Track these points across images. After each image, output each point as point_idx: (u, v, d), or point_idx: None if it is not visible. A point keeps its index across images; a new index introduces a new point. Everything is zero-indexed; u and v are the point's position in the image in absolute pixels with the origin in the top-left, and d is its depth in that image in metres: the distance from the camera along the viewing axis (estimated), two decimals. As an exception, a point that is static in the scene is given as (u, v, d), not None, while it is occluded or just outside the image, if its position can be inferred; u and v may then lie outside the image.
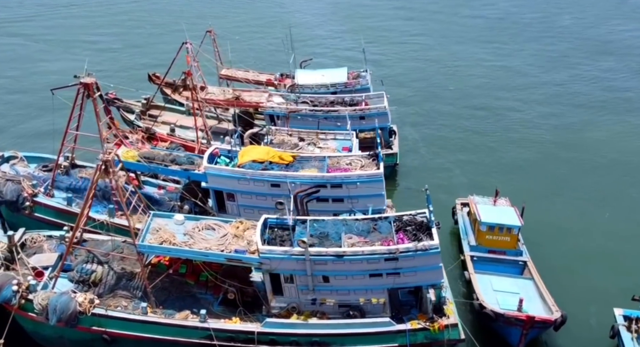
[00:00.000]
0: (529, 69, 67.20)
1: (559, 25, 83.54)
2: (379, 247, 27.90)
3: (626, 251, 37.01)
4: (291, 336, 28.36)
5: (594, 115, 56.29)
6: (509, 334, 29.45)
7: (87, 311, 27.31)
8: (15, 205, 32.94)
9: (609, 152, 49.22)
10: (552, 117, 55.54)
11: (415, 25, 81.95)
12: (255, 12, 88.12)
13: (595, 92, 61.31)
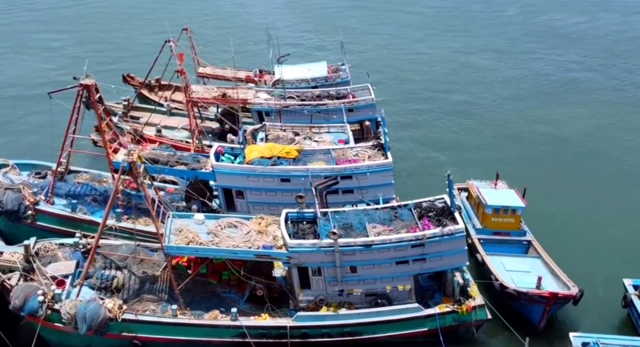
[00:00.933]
0: (485, 57, 68.93)
1: (506, 14, 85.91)
2: (406, 234, 28.24)
3: (624, 224, 38.63)
4: (323, 328, 28.39)
5: (562, 97, 58.56)
6: (530, 312, 30.23)
7: (117, 317, 26.59)
8: (16, 214, 31.57)
9: (585, 132, 51.56)
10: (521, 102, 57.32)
11: (369, 19, 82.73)
12: (229, 9, 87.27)
13: (555, 77, 63.55)
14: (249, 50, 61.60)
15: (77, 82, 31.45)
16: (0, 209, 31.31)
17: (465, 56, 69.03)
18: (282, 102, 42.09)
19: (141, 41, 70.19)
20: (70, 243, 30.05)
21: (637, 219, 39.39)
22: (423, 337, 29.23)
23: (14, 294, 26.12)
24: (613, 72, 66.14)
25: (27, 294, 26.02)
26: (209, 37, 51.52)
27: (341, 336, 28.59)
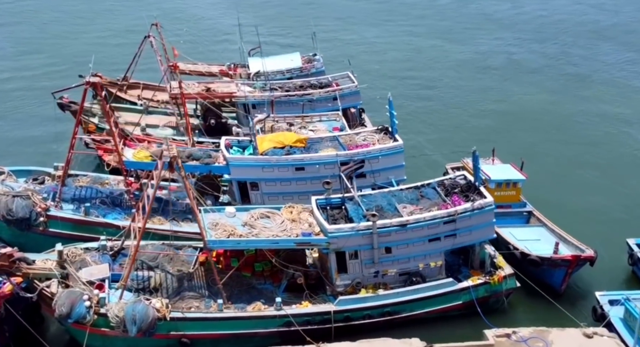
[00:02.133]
0: (432, 43, 70.31)
1: (438, 4, 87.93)
2: (439, 211, 28.88)
3: (610, 188, 41.08)
4: (364, 310, 28.59)
5: (512, 77, 61.00)
6: (551, 277, 31.42)
7: (166, 316, 25.84)
8: (27, 222, 30.01)
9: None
10: (477, 82, 59.12)
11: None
12: (196, 3, 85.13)
13: (500, 59, 65.98)
14: (219, 44, 60.59)
15: (83, 80, 30.18)
16: (10, 218, 29.71)
17: (414, 43, 70.23)
18: (269, 94, 41.79)
19: (107, 39, 68.10)
20: (96, 247, 28.90)
21: (619, 180, 42.02)
22: (457, 310, 30.00)
23: (58, 301, 24.88)
24: (549, 52, 69.31)
25: (72, 300, 24.83)
26: (179, 32, 50.17)
27: (381, 316, 28.90)
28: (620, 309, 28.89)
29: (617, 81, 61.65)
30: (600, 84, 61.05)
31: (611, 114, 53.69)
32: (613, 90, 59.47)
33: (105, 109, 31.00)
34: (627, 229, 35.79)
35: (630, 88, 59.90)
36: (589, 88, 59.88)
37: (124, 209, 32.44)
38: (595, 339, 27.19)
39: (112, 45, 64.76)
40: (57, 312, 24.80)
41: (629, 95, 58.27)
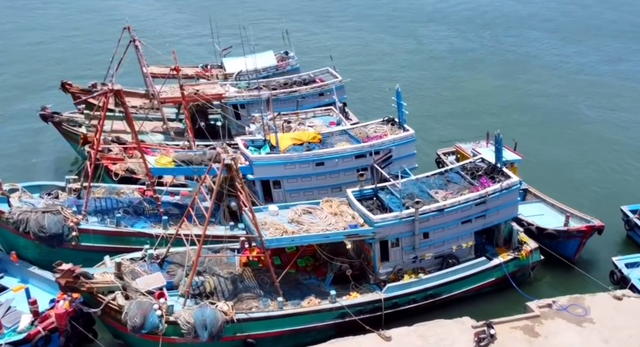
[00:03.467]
0: (382, 40, 71.59)
1: (382, 2, 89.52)
2: (472, 194, 29.85)
3: (603, 158, 43.94)
4: (410, 295, 29.16)
5: (467, 67, 63.36)
6: (565, 247, 33.05)
7: (233, 319, 25.48)
8: (60, 238, 28.57)
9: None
10: (435, 72, 60.94)
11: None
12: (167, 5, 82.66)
13: (448, 51, 68.23)
14: (188, 46, 59.17)
15: (104, 88, 29.05)
16: (43, 235, 28.18)
17: (361, 38, 71.33)
18: (260, 93, 41.44)
19: (77, 45, 65.61)
20: (140, 256, 27.95)
21: (590, 153, 44.85)
22: (490, 287, 31.17)
23: (129, 313, 23.96)
24: (484, 41, 72.23)
25: (144, 311, 24.00)
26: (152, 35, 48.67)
27: (424, 299, 29.58)
28: (638, 270, 31.14)
29: (549, 64, 64.96)
30: (538, 67, 64.07)
31: (555, 94, 56.71)
32: (549, 72, 62.67)
33: (129, 117, 29.95)
34: (614, 197, 38.35)
35: (563, 70, 63.41)
36: (528, 71, 62.74)
37: (148, 217, 31.41)
38: (625, 300, 29.13)
39: (83, 51, 63.03)
40: (130, 324, 23.91)
41: (565, 75, 61.76)
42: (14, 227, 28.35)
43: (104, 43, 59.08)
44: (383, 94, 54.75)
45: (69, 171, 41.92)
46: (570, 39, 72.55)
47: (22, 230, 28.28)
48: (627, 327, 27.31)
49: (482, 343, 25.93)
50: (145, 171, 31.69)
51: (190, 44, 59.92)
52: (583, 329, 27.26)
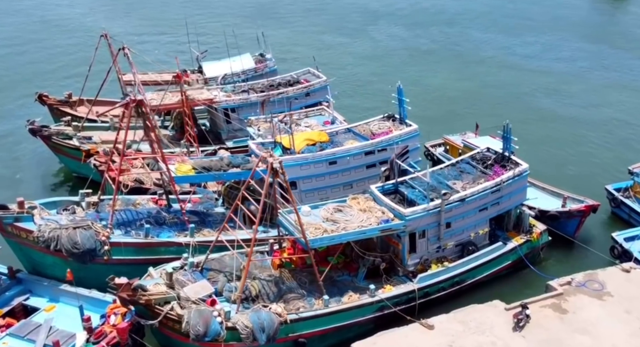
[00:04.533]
0: (340, 38, 72.35)
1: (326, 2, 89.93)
2: (488, 182, 30.89)
3: (571, 141, 46.21)
4: (439, 283, 29.90)
5: (428, 61, 65.23)
6: (565, 227, 34.36)
7: (287, 320, 25.43)
8: (93, 253, 27.56)
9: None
10: (395, 68, 62.05)
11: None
12: (140, 11, 79.98)
13: (396, 49, 69.66)
14: (165, 51, 57.51)
15: (127, 98, 28.23)
16: (76, 251, 27.11)
17: (317, 39, 71.76)
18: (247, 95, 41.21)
19: (52, 56, 62.85)
20: (179, 266, 27.34)
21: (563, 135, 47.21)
22: (506, 270, 32.39)
23: (191, 322, 23.45)
24: (433, 38, 74.19)
25: (206, 318, 23.59)
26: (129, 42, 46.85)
27: (451, 286, 30.39)
28: (638, 243, 33.07)
29: (497, 56, 67.62)
30: (487, 59, 66.63)
31: (509, 83, 59.16)
32: (499, 63, 65.26)
33: (151, 126, 29.17)
34: (591, 178, 40.71)
35: (510, 61, 66.13)
36: (480, 63, 65.12)
37: (170, 226, 30.72)
38: (633, 272, 30.87)
39: (50, 61, 61.09)
40: (194, 333, 23.43)
41: (514, 66, 64.49)
42: (44, 246, 27.12)
43: (76, 53, 57.37)
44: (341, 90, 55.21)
45: (52, 185, 40.68)
46: (509, 33, 75.48)
47: (52, 248, 27.09)
48: (646, 299, 29.03)
49: (521, 323, 26.91)
50: (151, 180, 31.11)
51: (164, 51, 58.37)
52: (604, 303, 28.68)
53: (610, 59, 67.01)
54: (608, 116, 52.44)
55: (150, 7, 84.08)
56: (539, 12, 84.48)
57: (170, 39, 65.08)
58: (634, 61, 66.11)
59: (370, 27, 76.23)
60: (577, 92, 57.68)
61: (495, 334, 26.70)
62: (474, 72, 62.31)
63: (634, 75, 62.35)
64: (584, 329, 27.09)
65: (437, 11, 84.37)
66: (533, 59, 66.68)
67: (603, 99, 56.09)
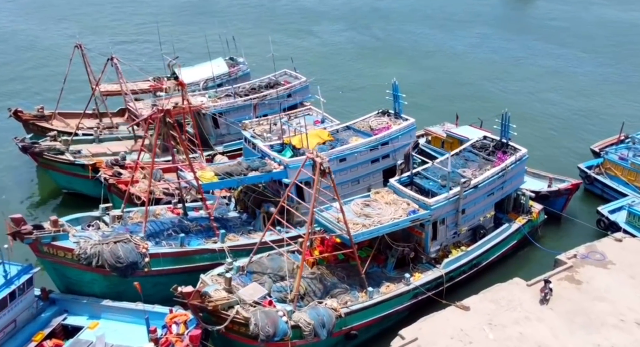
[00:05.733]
0: (299, 39, 72.62)
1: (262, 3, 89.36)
2: (494, 168, 32.33)
3: (540, 124, 48.44)
4: (462, 267, 31.09)
5: (385, 56, 66.60)
6: (554, 204, 36.32)
7: (341, 314, 25.79)
8: (135, 266, 26.74)
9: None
10: (353, 63, 63.28)
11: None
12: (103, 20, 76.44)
13: (344, 46, 70.69)
14: (134, 57, 55.26)
15: (156, 108, 27.58)
16: (120, 265, 26.24)
17: (287, 40, 71.73)
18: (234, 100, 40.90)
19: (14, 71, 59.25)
20: (223, 271, 27.01)
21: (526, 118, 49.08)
22: (512, 250, 34.06)
23: (259, 324, 23.34)
24: (374, 34, 75.91)
25: (273, 319, 23.54)
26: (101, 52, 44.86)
27: (470, 269, 31.67)
28: (622, 215, 35.58)
29: (437, 50, 70.30)
30: (430, 53, 69.18)
31: (456, 74, 61.84)
32: (443, 55, 68.05)
33: (179, 135, 28.54)
34: (559, 158, 43.17)
35: (452, 53, 68.97)
36: (428, 57, 67.62)
37: (195, 234, 30.23)
38: (625, 241, 33.28)
39: (21, 76, 58.23)
40: (264, 334, 23.31)
41: (458, 58, 67.27)
42: (86, 263, 26.11)
43: (41, 68, 54.61)
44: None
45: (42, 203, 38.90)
46: (442, 28, 78.35)
47: (95, 264, 26.13)
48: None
49: (547, 297, 28.49)
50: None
51: (133, 57, 56.59)
52: (610, 271, 30.77)
53: (537, 48, 71.06)
54: (553, 100, 55.75)
55: (115, 16, 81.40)
56: (460, 9, 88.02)
57: (135, 47, 63.16)
58: (559, 50, 70.36)
59: (315, 27, 76.90)
60: (520, 79, 60.76)
61: (526, 309, 28.11)
62: (423, 65, 64.26)
63: (563, 62, 66.45)
64: (601, 297, 28.98)
65: (371, 9, 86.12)
66: (472, 51, 69.56)
67: (544, 85, 59.45)
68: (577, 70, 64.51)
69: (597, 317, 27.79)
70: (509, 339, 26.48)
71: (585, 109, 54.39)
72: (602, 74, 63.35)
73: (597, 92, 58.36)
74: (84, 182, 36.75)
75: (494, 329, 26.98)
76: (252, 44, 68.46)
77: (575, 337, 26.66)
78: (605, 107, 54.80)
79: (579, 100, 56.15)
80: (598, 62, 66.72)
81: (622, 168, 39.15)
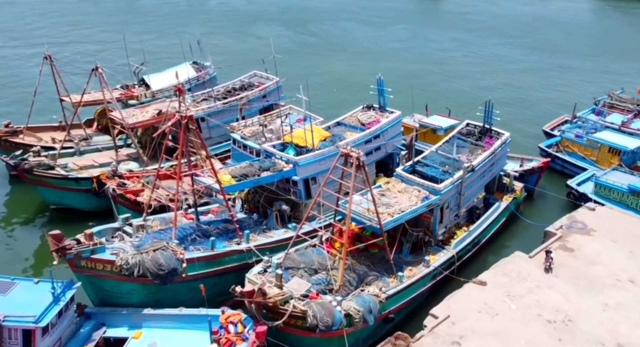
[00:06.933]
0: (248, 41, 72.08)
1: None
2: (486, 152, 34.07)
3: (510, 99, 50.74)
4: (467, 246, 32.65)
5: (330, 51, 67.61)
6: (528, 182, 38.42)
7: (382, 300, 26.58)
8: (175, 273, 26.17)
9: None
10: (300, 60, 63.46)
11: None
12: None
13: (291, 45, 70.23)
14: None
15: (179, 115, 27.10)
16: (162, 272, 25.66)
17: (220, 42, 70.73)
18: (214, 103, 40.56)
19: None
20: (261, 269, 27.08)
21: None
22: (501, 227, 36.06)
23: (317, 315, 23.76)
24: (316, 32, 76.91)
25: (329, 310, 23.98)
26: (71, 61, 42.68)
27: (473, 247, 33.34)
28: (588, 186, 38.46)
29: (374, 46, 72.36)
30: (369, 49, 71.06)
31: (400, 67, 63.48)
32: (379, 52, 69.92)
33: (202, 141, 28.14)
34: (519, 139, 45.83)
35: (389, 50, 71.12)
36: (368, 53, 69.36)
37: (217, 236, 29.91)
38: (597, 210, 36.04)
39: None
40: (323, 324, 23.67)
41: (395, 53, 69.45)
42: (128, 274, 25.38)
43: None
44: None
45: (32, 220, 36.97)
46: (372, 25, 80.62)
47: (136, 274, 25.48)
48: (618, 227, 34.06)
49: (551, 266, 30.55)
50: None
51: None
52: (594, 238, 33.29)
53: (462, 40, 74.78)
54: (493, 87, 58.81)
55: (76, 23, 77.40)
56: (379, 7, 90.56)
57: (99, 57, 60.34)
58: (483, 41, 74.24)
59: (252, 27, 76.60)
60: (457, 70, 63.64)
61: (535, 279, 30.01)
62: (366, 61, 65.71)
63: (490, 52, 70.25)
64: (595, 261, 31.39)
65: (301, 9, 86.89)
66: (406, 46, 72.04)
67: (480, 74, 62.67)
68: (504, 59, 68.48)
69: (597, 279, 30.12)
70: (529, 307, 28.22)
71: (523, 94, 57.87)
72: (526, 62, 67.70)
73: (528, 78, 62.27)
74: (76, 196, 35.42)
75: (513, 299, 28.67)
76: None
77: (585, 299, 28.80)
78: (539, 91, 58.57)
79: (514, 86, 59.60)
80: (520, 51, 71.25)
81: (579, 145, 42.22)
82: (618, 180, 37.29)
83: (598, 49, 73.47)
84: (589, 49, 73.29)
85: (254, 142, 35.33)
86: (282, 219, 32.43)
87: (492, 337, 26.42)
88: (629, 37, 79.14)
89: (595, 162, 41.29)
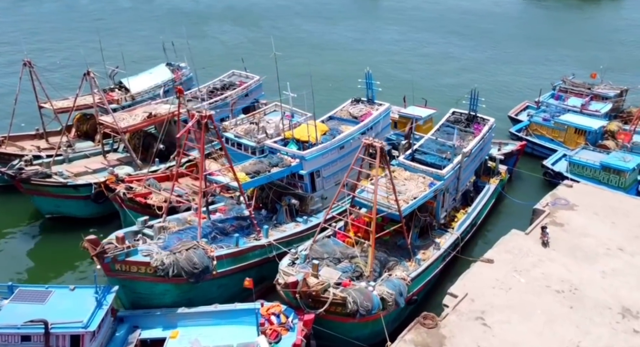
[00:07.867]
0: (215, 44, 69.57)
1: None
2: (476, 138, 35.40)
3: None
4: (468, 228, 33.85)
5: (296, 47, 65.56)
6: (507, 164, 40.27)
7: (408, 283, 27.33)
8: (207, 271, 25.91)
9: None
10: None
11: None
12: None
13: (242, 44, 70.48)
14: (72, 71, 50.03)
15: (199, 115, 26.84)
16: (197, 271, 25.43)
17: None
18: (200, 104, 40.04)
19: None
20: (289, 262, 27.22)
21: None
22: (492, 207, 37.56)
23: (357, 301, 24.20)
24: (271, 31, 76.03)
25: (367, 295, 24.46)
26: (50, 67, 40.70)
27: (471, 228, 34.63)
28: (562, 165, 40.56)
29: (334, 42, 73.15)
30: (329, 45, 71.69)
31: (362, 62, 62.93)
32: (341, 47, 70.94)
33: (220, 140, 27.96)
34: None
35: (348, 45, 71.97)
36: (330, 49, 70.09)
37: (235, 233, 29.88)
38: (574, 187, 38.08)
39: None
40: (364, 309, 24.18)
41: (354, 47, 70.40)
42: (164, 274, 25.01)
43: None
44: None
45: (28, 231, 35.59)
46: (328, 22, 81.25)
47: (171, 274, 25.15)
48: (596, 201, 36.13)
49: (548, 241, 32.16)
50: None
51: (71, 71, 52.00)
52: (578, 212, 35.17)
53: (409, 34, 76.41)
54: (452, 76, 60.60)
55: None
56: (321, 4, 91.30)
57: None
58: (430, 34, 76.23)
59: (205, 27, 75.63)
60: (415, 62, 65.18)
61: (536, 254, 31.44)
62: (325, 57, 66.46)
63: (439, 44, 72.37)
64: (584, 233, 33.18)
65: (248, 6, 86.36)
66: (356, 41, 73.22)
67: (436, 65, 64.41)
68: (455, 50, 70.57)
69: (590, 250, 31.86)
70: (537, 279, 29.61)
71: (478, 82, 59.80)
72: (478, 52, 69.97)
73: (482, 68, 64.51)
74: (74, 204, 34.37)
75: (521, 274, 30.03)
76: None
77: (584, 269, 30.47)
78: (492, 78, 60.92)
79: (469, 75, 61.64)
80: (468, 43, 73.43)
81: (547, 128, 44.40)
82: (588, 158, 39.48)
83: (535, 40, 76.90)
84: (528, 40, 76.60)
85: (250, 140, 35.29)
86: (291, 213, 32.57)
87: (510, 310, 27.57)
88: (557, 28, 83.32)
89: (562, 143, 43.54)
